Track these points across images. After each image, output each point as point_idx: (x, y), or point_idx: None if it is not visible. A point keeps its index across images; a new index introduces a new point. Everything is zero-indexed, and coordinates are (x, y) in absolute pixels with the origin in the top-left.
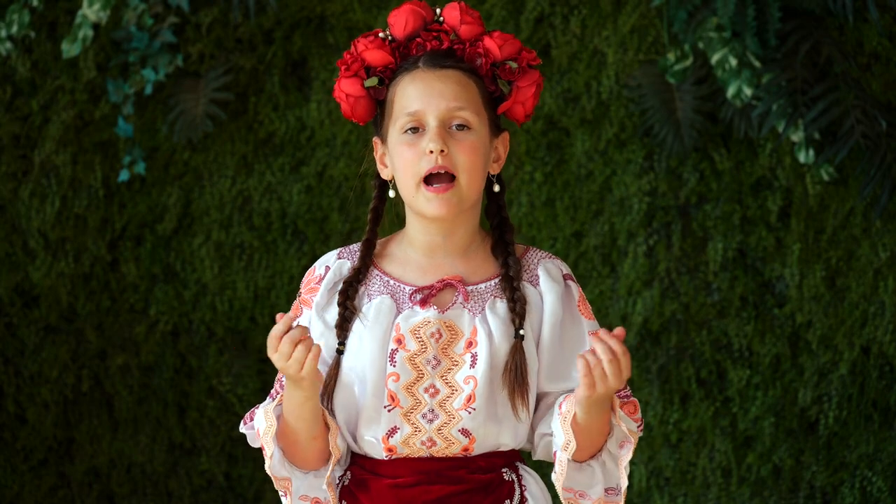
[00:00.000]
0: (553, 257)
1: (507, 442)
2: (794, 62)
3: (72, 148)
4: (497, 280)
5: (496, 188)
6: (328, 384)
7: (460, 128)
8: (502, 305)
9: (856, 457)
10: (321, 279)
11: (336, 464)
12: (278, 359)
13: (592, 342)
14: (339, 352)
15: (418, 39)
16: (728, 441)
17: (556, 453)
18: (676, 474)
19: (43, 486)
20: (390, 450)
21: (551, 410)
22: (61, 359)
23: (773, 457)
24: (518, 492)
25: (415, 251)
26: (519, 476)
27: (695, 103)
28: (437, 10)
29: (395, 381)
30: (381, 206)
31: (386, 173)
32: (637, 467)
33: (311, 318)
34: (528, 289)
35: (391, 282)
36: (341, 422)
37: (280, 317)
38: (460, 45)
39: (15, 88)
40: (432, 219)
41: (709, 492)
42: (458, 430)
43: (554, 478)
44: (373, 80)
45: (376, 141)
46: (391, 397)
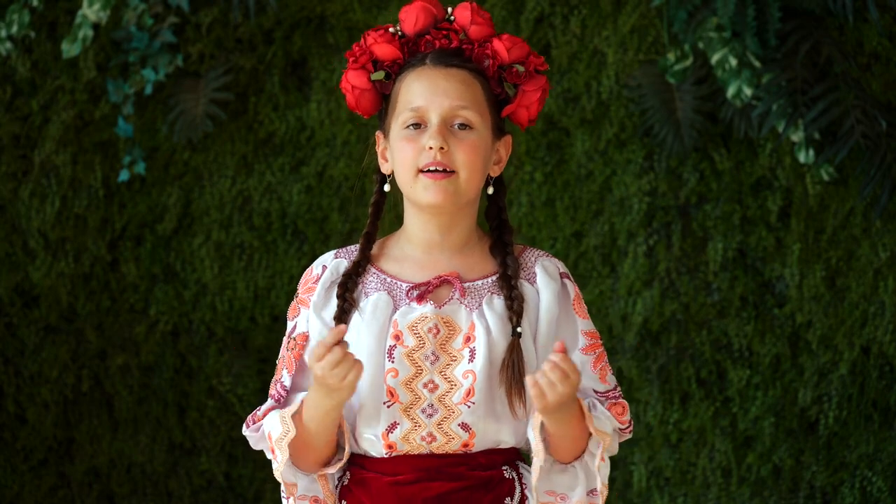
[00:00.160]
0: (550, 256)
1: (506, 439)
2: (794, 62)
3: (72, 148)
4: (494, 277)
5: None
6: None
7: (462, 127)
8: (500, 302)
9: (856, 457)
10: (318, 278)
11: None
12: (322, 366)
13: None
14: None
15: (428, 37)
16: (728, 441)
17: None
18: (676, 474)
19: (43, 486)
20: (390, 446)
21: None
22: (61, 359)
23: (773, 457)
24: (518, 489)
25: (412, 248)
26: (519, 474)
27: (695, 103)
28: (449, 9)
29: (394, 377)
30: (382, 201)
31: (386, 168)
32: (637, 467)
33: (308, 317)
34: (525, 286)
35: (388, 279)
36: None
37: (333, 329)
38: (469, 46)
39: (15, 88)
40: (429, 208)
41: (709, 492)
42: (458, 425)
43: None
44: (379, 74)
45: (379, 135)
46: (390, 393)
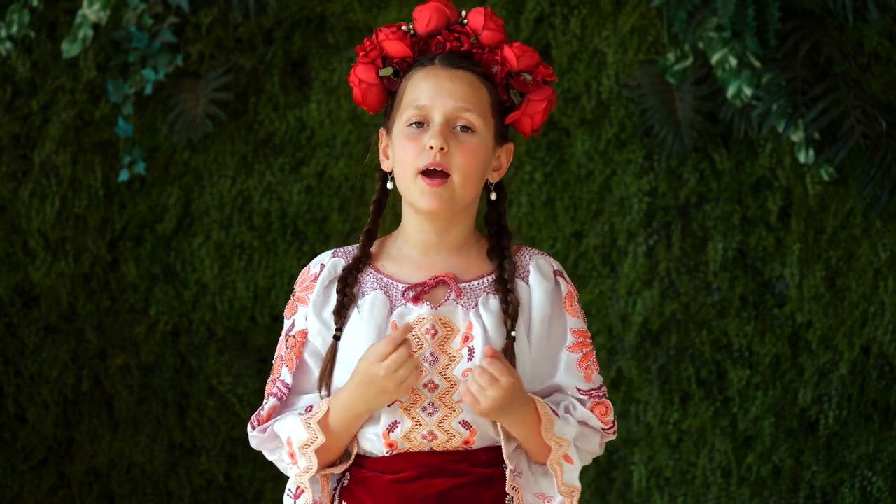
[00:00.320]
0: (545, 254)
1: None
2: (794, 62)
3: (72, 148)
4: (490, 278)
5: (493, 196)
6: (324, 370)
7: (464, 129)
8: (495, 302)
9: (856, 457)
10: (316, 277)
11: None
12: (387, 366)
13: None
14: (336, 337)
15: (439, 38)
16: (728, 441)
17: None
18: (676, 474)
19: (43, 486)
20: (391, 445)
21: None
22: (61, 359)
23: (773, 457)
24: None
25: (409, 248)
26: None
27: (695, 103)
28: (463, 12)
29: None
30: (383, 198)
31: (387, 165)
32: (637, 467)
33: (307, 314)
34: (519, 285)
35: (384, 279)
36: None
37: (395, 326)
38: (479, 50)
39: (15, 88)
40: (425, 213)
41: (709, 492)
42: (459, 423)
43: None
44: (388, 70)
45: (382, 132)
46: None
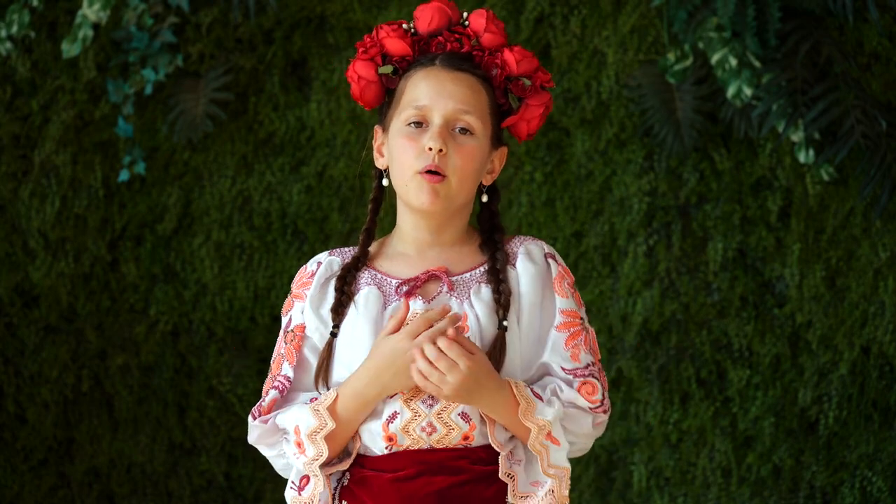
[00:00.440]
0: (537, 240)
1: (503, 440)
2: (794, 62)
3: (72, 148)
4: (482, 269)
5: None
6: (321, 366)
7: (463, 131)
8: (487, 291)
9: (856, 457)
10: (313, 274)
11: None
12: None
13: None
14: (333, 334)
15: (440, 38)
16: (728, 441)
17: None
18: (676, 474)
19: (43, 486)
20: (390, 438)
21: None
22: (61, 359)
23: (773, 457)
24: None
25: (404, 246)
26: None
27: (695, 103)
28: (465, 14)
29: None
30: (381, 196)
31: (381, 163)
32: (637, 467)
33: (304, 308)
34: (508, 271)
35: (378, 275)
36: None
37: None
38: (479, 52)
39: (15, 88)
40: (420, 210)
41: (709, 492)
42: (458, 414)
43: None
44: (388, 68)
45: (377, 129)
46: None
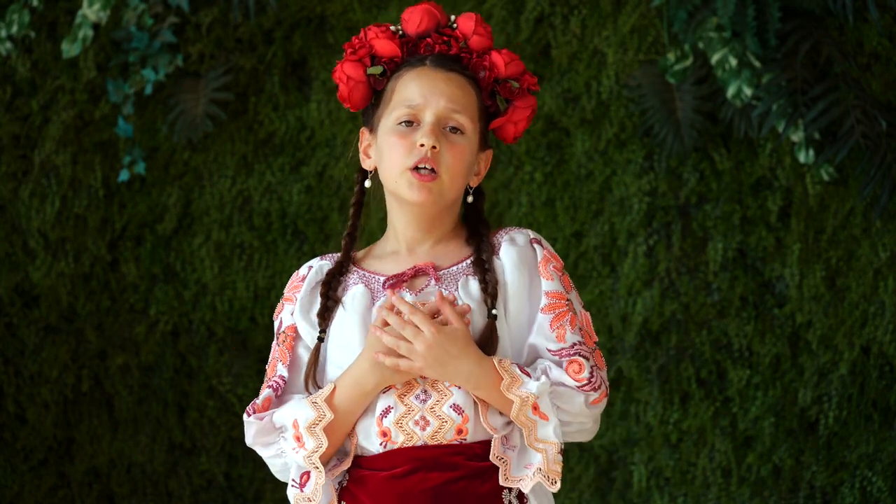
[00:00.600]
0: (523, 229)
1: (497, 425)
2: (794, 62)
3: (72, 148)
4: (468, 262)
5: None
6: (309, 371)
7: (454, 130)
8: (474, 283)
9: (856, 457)
10: (304, 278)
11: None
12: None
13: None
14: (320, 339)
15: (428, 40)
16: (728, 441)
17: None
18: (676, 474)
19: (43, 486)
20: (384, 433)
21: None
22: (61, 359)
23: (773, 457)
24: None
25: (395, 245)
26: None
27: (695, 103)
28: (452, 17)
29: None
30: (362, 200)
31: (369, 164)
32: (637, 467)
33: (293, 310)
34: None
35: (366, 274)
36: None
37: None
38: (467, 54)
39: (15, 88)
40: (412, 205)
41: (709, 492)
42: (451, 406)
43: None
44: (376, 69)
45: (364, 131)
46: None
